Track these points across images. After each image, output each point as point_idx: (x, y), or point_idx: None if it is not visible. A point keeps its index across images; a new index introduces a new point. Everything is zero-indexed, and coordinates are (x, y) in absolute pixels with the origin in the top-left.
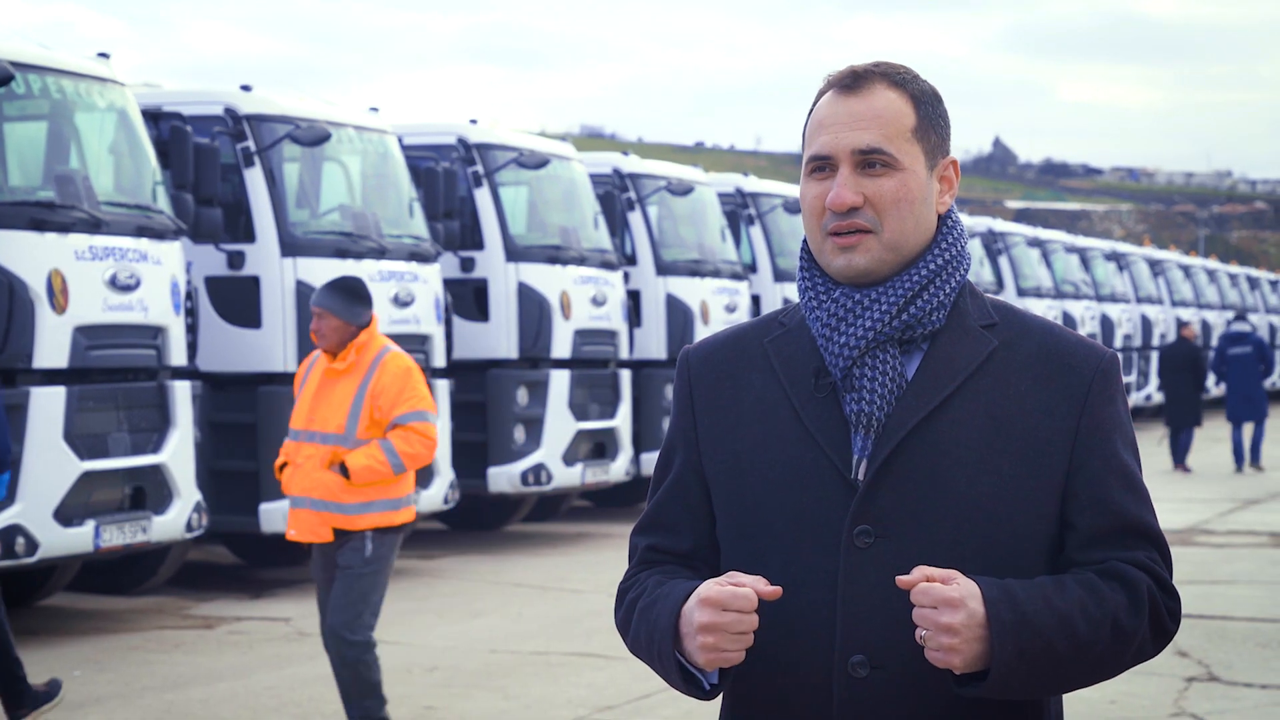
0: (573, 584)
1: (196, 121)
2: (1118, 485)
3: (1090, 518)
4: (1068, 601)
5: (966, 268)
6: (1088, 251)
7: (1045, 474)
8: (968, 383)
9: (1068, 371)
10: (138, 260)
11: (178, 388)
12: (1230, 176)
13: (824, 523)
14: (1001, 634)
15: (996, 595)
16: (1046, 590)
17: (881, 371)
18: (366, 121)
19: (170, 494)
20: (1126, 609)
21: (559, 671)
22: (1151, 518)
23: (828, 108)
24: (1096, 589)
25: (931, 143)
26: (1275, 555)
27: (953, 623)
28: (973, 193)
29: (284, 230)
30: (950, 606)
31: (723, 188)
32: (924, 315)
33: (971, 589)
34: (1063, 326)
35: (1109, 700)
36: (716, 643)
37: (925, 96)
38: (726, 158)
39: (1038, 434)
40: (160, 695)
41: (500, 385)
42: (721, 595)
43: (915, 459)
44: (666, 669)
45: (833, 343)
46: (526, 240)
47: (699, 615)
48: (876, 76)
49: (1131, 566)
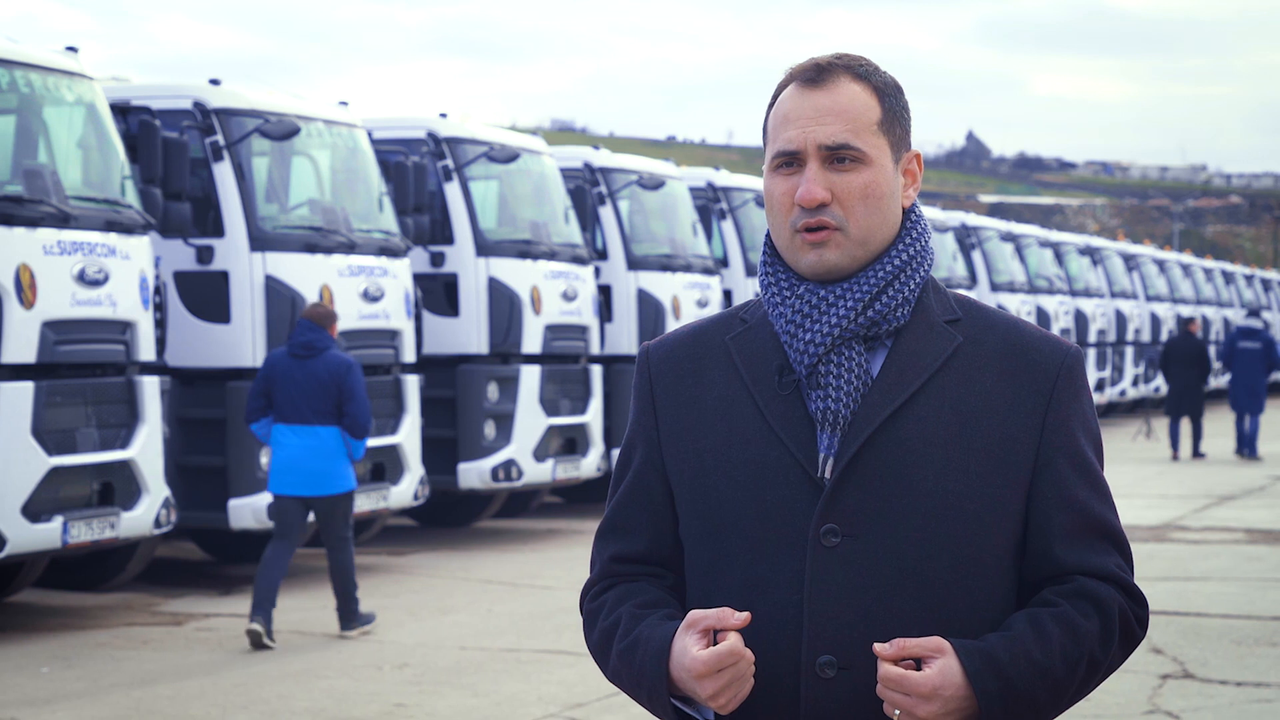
0: (544, 581)
1: (165, 115)
2: (1082, 484)
3: (1055, 516)
4: (1048, 652)
5: (930, 263)
6: (1061, 246)
7: (1011, 470)
8: (933, 379)
9: (1033, 367)
10: (106, 255)
11: (146, 383)
12: (1205, 170)
13: (790, 522)
14: (989, 705)
15: (980, 667)
16: (1028, 645)
17: (847, 369)
18: (336, 115)
19: (139, 490)
20: (1100, 641)
21: (530, 669)
22: (1114, 517)
23: (791, 101)
24: (1073, 626)
25: (896, 135)
26: (1250, 551)
27: (927, 715)
28: (946, 187)
29: (253, 225)
30: (924, 700)
31: (694, 182)
32: (889, 311)
33: (948, 674)
34: (1027, 322)
35: (1083, 698)
36: (729, 697)
37: (888, 88)
38: (698, 152)
39: (1004, 430)
40: (128, 692)
41: (470, 381)
42: (712, 660)
43: (882, 457)
44: (659, 711)
45: (797, 339)
46: (497, 235)
47: (705, 688)
48: (840, 69)
49: (1102, 583)
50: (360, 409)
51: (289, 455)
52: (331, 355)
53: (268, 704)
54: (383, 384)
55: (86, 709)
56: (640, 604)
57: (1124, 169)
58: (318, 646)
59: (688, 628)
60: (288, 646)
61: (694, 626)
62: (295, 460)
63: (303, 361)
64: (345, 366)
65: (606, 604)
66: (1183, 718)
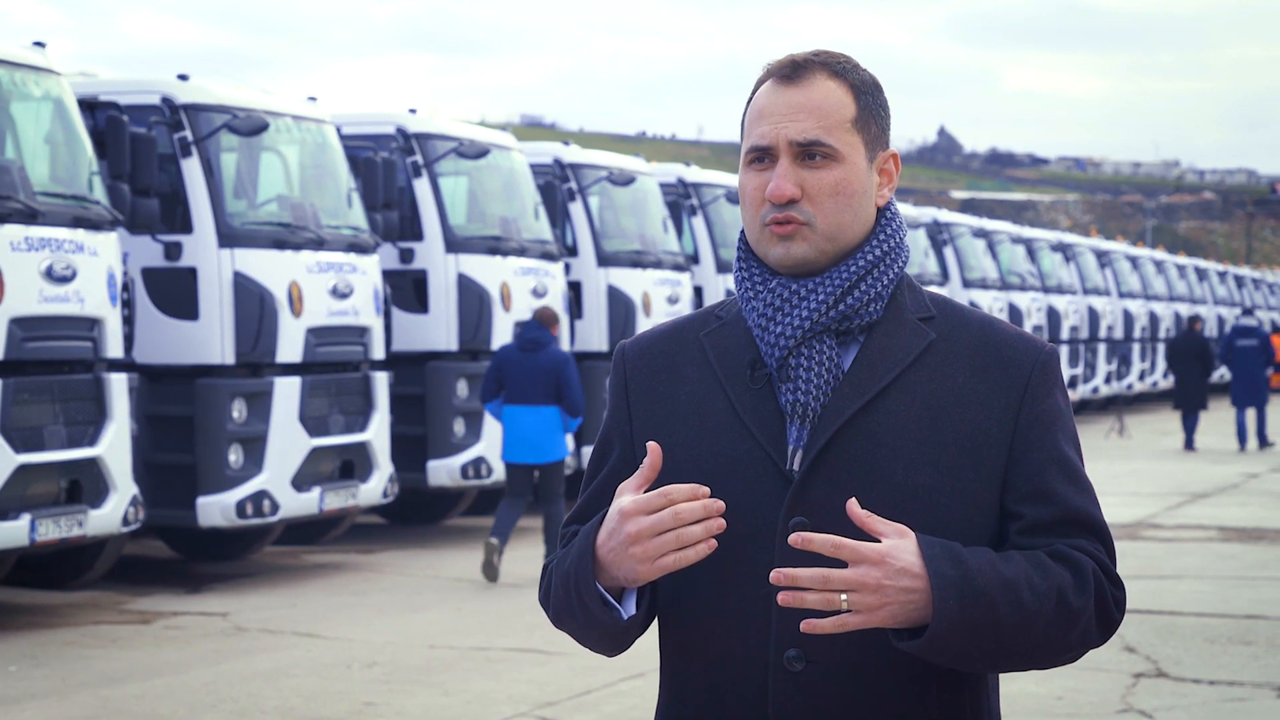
0: (513, 578)
1: (133, 111)
2: (1059, 477)
3: (1032, 509)
4: (1014, 569)
5: (905, 260)
6: (1034, 242)
7: (984, 466)
8: (905, 374)
9: (1006, 365)
10: (74, 251)
11: (114, 380)
12: (1178, 166)
13: (759, 515)
14: (943, 588)
15: (937, 552)
16: (991, 556)
17: (818, 362)
18: (304, 111)
19: (107, 487)
20: (1073, 586)
21: (500, 667)
22: (1095, 509)
23: (767, 97)
24: (1042, 563)
25: (872, 134)
26: (1224, 550)
27: (873, 584)
28: (917, 183)
29: (221, 221)
30: (872, 565)
31: (665, 178)
32: (861, 306)
33: (901, 549)
34: (1002, 320)
35: (1055, 696)
36: (656, 549)
37: (866, 86)
38: (669, 147)
39: (976, 426)
40: (96, 691)
41: (440, 378)
42: (644, 501)
43: (852, 450)
44: (588, 611)
45: (768, 332)
46: (466, 231)
47: (628, 527)
48: (817, 66)
49: (1075, 551)
50: (575, 393)
51: (519, 430)
52: (553, 349)
53: (236, 703)
54: (351, 381)
55: (54, 708)
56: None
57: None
58: (286, 645)
59: (620, 493)
60: (256, 645)
61: (624, 490)
62: (524, 434)
63: (530, 354)
64: (564, 360)
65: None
66: (1156, 717)
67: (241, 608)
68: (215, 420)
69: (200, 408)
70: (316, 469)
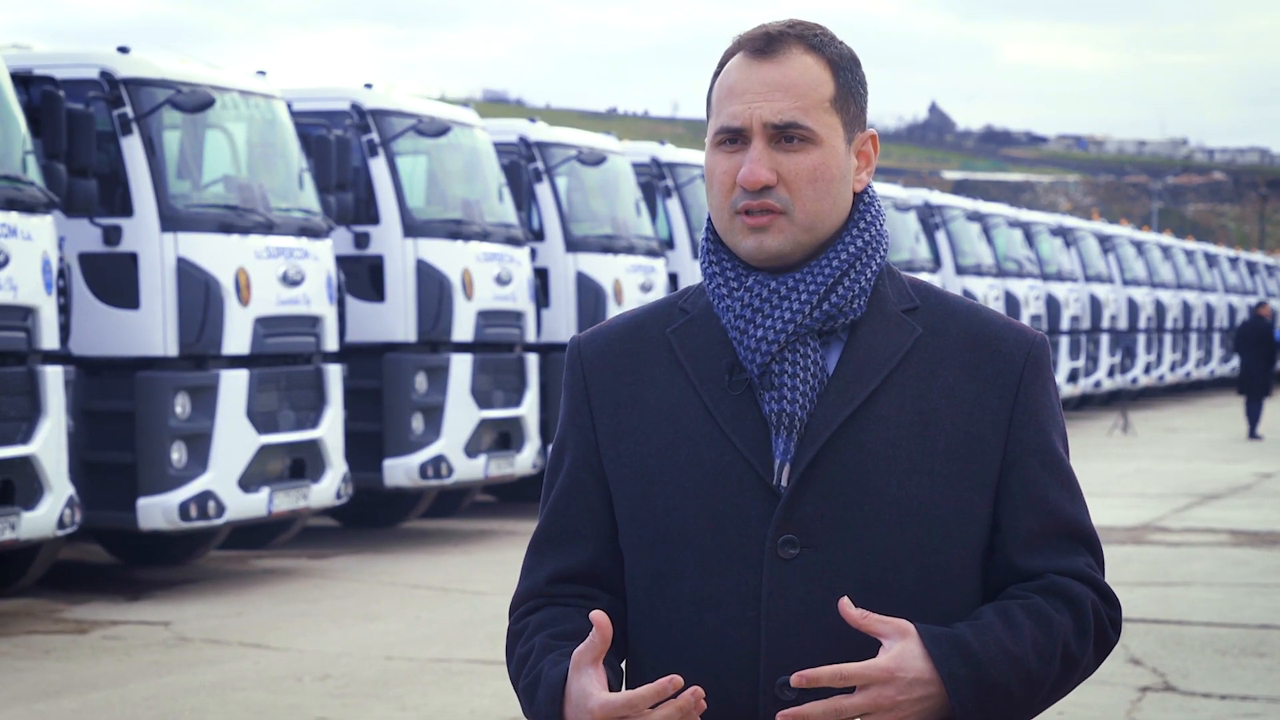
0: (475, 585)
1: (70, 86)
2: (1052, 482)
3: (1026, 519)
4: (1019, 641)
5: (886, 249)
6: (1032, 226)
7: (978, 471)
8: (893, 376)
9: (997, 358)
10: (6, 236)
11: (49, 373)
12: (1186, 145)
13: (744, 533)
14: (958, 692)
15: (946, 651)
16: (998, 633)
17: (803, 367)
18: (253, 86)
19: (41, 488)
20: (1074, 634)
21: (461, 680)
22: (1086, 517)
23: (738, 73)
24: (1045, 619)
25: (850, 114)
26: (1235, 555)
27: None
28: (907, 163)
29: (164, 203)
30: (881, 685)
31: (637, 157)
32: (845, 304)
33: (907, 656)
34: (989, 308)
35: (1057, 712)
36: None
37: (844, 61)
38: (641, 125)
39: (969, 428)
40: (30, 705)
41: (397, 371)
42: (612, 706)
43: (842, 462)
44: None
45: (748, 336)
46: (425, 214)
47: None
48: (792, 39)
49: (1073, 580)
50: None
51: None
52: None
53: (178, 717)
54: (303, 374)
55: None
56: (556, 634)
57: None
58: (233, 657)
59: (577, 667)
60: (201, 656)
61: (580, 664)
62: None
63: None
64: None
65: (529, 628)
66: None
67: (185, 616)
68: (157, 416)
69: (141, 403)
70: (265, 468)
